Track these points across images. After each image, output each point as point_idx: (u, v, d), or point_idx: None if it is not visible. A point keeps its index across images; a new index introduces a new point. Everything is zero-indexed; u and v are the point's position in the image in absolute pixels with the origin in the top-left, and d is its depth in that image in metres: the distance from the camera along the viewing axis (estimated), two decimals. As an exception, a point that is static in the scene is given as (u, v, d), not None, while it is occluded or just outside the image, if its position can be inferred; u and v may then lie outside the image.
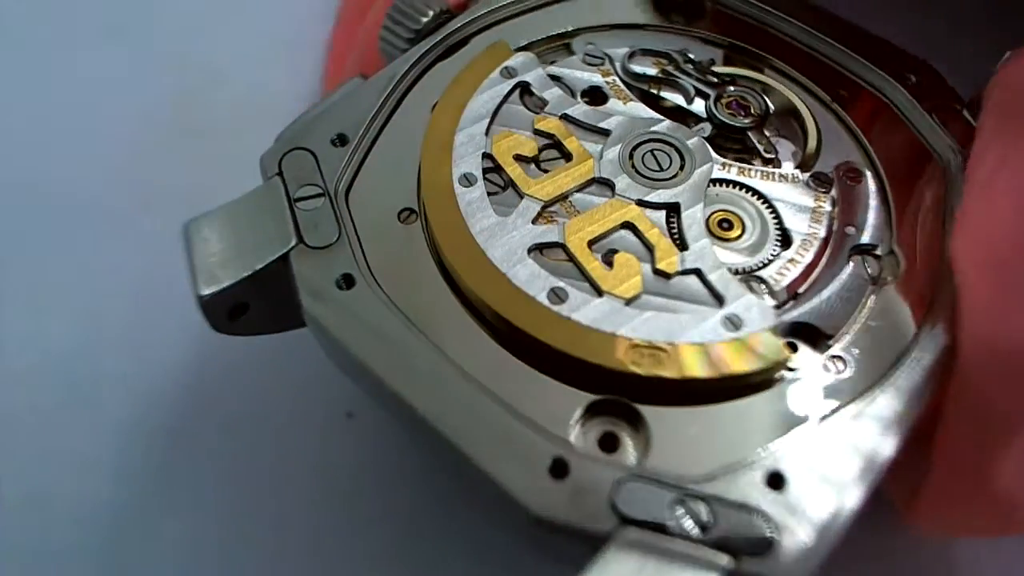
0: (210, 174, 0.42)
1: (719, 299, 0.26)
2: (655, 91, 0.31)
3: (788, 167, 0.30)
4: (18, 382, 0.37)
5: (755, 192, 0.29)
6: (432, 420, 0.24)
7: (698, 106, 0.31)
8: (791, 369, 0.26)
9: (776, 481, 0.23)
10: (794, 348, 0.26)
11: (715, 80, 0.31)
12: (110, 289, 0.40)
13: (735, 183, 0.29)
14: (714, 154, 0.29)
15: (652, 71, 0.32)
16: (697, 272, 0.27)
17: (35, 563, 0.34)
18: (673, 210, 0.28)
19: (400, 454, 0.35)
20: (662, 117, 0.30)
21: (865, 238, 0.28)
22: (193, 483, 0.35)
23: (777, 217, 0.28)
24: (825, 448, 0.24)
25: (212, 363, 0.38)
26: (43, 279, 0.41)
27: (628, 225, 0.28)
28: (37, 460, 0.36)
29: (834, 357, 0.26)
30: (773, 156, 0.30)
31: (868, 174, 0.29)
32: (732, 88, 0.31)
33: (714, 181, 0.29)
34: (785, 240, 0.28)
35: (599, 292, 0.26)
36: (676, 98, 0.31)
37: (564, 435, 0.24)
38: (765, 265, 0.27)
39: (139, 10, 0.49)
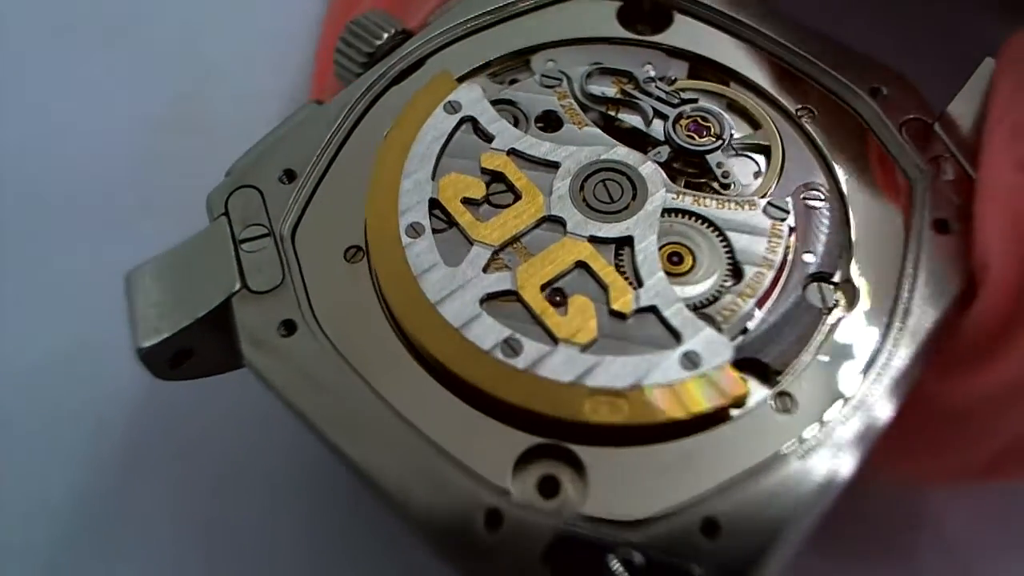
0: (210, 174, 0.43)
1: (676, 336, 0.26)
2: (613, 113, 0.31)
3: (748, 190, 0.29)
4: (18, 382, 0.38)
5: (708, 222, 0.28)
6: (369, 472, 0.24)
7: (657, 127, 0.30)
8: (740, 406, 0.26)
9: (711, 528, 0.23)
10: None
11: (676, 100, 0.30)
12: (110, 289, 0.41)
13: (688, 212, 0.28)
14: (668, 181, 0.29)
15: (611, 91, 0.31)
16: (653, 309, 0.27)
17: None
18: (626, 244, 0.28)
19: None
20: (616, 142, 0.29)
21: (822, 266, 0.27)
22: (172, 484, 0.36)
23: (729, 249, 0.28)
24: (760, 494, 0.24)
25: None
26: (43, 279, 0.41)
27: (581, 264, 0.27)
28: (37, 459, 0.37)
29: (781, 394, 0.26)
30: (730, 181, 0.29)
31: (830, 197, 0.29)
32: (691, 108, 0.30)
33: (667, 211, 0.28)
34: (737, 272, 0.27)
35: (555, 340, 0.26)
36: (634, 120, 0.30)
37: (502, 482, 0.24)
38: (716, 299, 0.27)
39: (139, 10, 0.49)
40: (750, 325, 0.27)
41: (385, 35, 0.31)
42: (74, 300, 0.40)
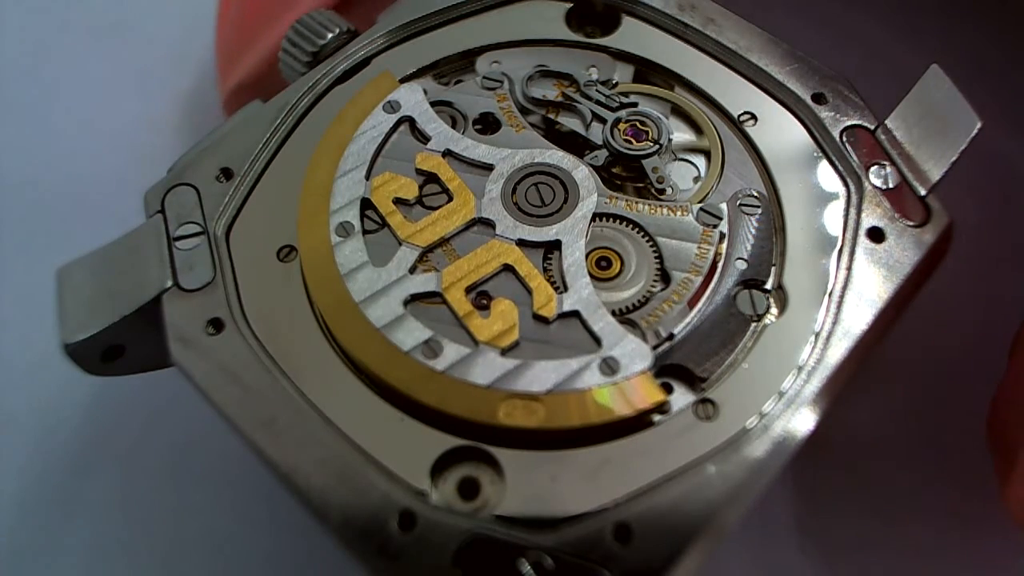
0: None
1: (598, 342, 0.26)
2: (553, 116, 0.31)
3: (686, 195, 0.29)
4: (18, 382, 0.39)
5: (639, 227, 0.28)
6: (287, 473, 0.24)
7: (596, 131, 0.30)
8: (663, 412, 0.26)
9: (623, 534, 0.23)
10: (669, 389, 0.26)
11: (616, 103, 0.30)
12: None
13: (619, 217, 0.28)
14: (600, 186, 0.29)
15: (552, 94, 0.31)
16: (576, 315, 0.27)
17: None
18: (554, 248, 0.28)
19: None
20: (552, 146, 0.29)
21: (753, 272, 0.27)
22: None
23: (658, 254, 0.28)
24: (675, 501, 0.24)
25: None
26: (44, 279, 0.42)
27: (508, 267, 0.27)
28: (38, 458, 0.38)
29: (705, 401, 0.26)
30: (665, 186, 0.29)
31: (767, 203, 0.29)
32: (630, 113, 0.30)
33: (598, 215, 0.28)
34: (665, 277, 0.27)
35: (476, 342, 0.26)
36: (574, 123, 0.30)
37: (419, 483, 0.24)
38: (642, 304, 0.27)
39: (139, 10, 0.50)
40: (676, 331, 0.27)
41: (330, 35, 0.31)
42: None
